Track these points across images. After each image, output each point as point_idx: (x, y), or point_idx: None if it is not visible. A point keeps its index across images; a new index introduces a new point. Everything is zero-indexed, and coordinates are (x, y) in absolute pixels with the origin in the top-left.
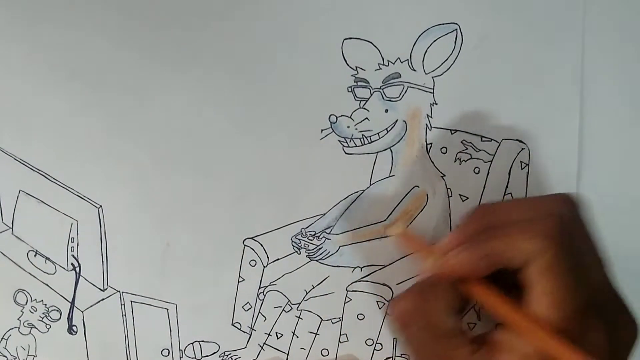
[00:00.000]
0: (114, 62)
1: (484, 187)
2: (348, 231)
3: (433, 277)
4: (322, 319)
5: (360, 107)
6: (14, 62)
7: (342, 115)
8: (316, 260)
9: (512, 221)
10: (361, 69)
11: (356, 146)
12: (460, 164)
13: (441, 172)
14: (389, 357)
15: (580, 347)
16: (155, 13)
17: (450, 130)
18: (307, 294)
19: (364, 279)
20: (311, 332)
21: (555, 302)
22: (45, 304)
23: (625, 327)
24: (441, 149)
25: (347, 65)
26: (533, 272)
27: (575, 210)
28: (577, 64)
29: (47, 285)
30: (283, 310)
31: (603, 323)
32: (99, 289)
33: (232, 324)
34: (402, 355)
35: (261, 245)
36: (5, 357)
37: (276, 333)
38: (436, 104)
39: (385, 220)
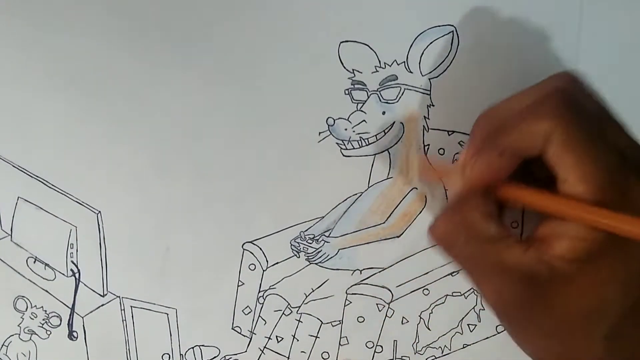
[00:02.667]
0: (113, 68)
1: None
2: (347, 234)
3: (461, 192)
4: (322, 322)
5: (357, 110)
6: (12, 68)
7: (339, 118)
8: (315, 264)
9: (515, 112)
10: (358, 71)
11: (354, 148)
12: None
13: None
14: None
15: (623, 210)
16: (154, 18)
17: (448, 131)
18: (306, 297)
19: (363, 282)
20: (311, 335)
21: (583, 174)
22: (45, 310)
23: None
24: (439, 150)
25: (344, 68)
26: (553, 153)
27: (578, 83)
28: (573, 65)
29: (47, 291)
30: (283, 313)
31: (637, 178)
32: (99, 294)
33: (232, 328)
34: (402, 358)
35: (260, 249)
36: None
37: (276, 336)
38: (433, 105)
39: (383, 222)
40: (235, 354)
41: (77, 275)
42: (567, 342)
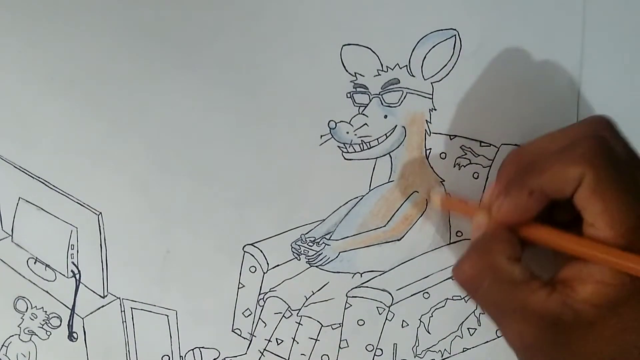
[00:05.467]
0: (114, 70)
1: (483, 192)
2: (348, 237)
3: (487, 231)
4: (322, 325)
5: (359, 113)
6: (13, 69)
7: (341, 121)
8: (316, 266)
9: (549, 153)
10: (360, 75)
11: (355, 152)
12: (459, 169)
13: (440, 178)
14: None
15: None
16: (155, 20)
17: (449, 135)
18: (307, 300)
19: (363, 285)
20: (311, 338)
21: (611, 219)
22: (46, 311)
23: None
24: (440, 154)
25: (346, 71)
26: (582, 196)
27: (612, 129)
28: (576, 69)
29: (47, 292)
30: (283, 316)
31: None
32: (99, 295)
33: (232, 330)
34: None
35: (261, 251)
36: None
37: (276, 339)
38: (435, 109)
39: (384, 225)
40: (235, 356)
41: (77, 276)
42: None
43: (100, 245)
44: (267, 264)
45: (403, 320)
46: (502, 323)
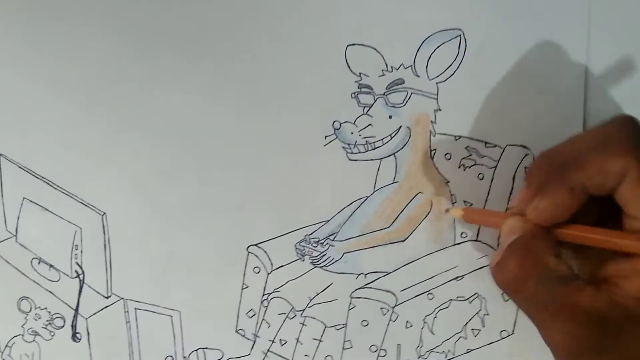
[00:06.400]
0: (118, 70)
1: (489, 193)
2: (352, 238)
3: (527, 231)
4: (326, 326)
5: (364, 114)
6: (17, 70)
7: (345, 122)
8: (320, 267)
9: (587, 149)
10: (365, 75)
11: (360, 152)
12: (464, 170)
13: (445, 178)
14: None
15: None
16: (156, 23)
17: (454, 136)
18: (311, 300)
19: (368, 286)
20: (315, 339)
21: None
22: (49, 312)
23: None
24: (445, 155)
25: (351, 71)
26: (626, 190)
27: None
28: (581, 69)
29: (51, 292)
30: (287, 317)
31: None
32: (103, 296)
33: (236, 331)
34: None
35: (265, 252)
36: None
37: (280, 340)
38: (440, 110)
39: (389, 226)
40: (239, 357)
41: (81, 276)
42: None
43: (104, 245)
44: (271, 264)
45: (407, 321)
46: (547, 323)
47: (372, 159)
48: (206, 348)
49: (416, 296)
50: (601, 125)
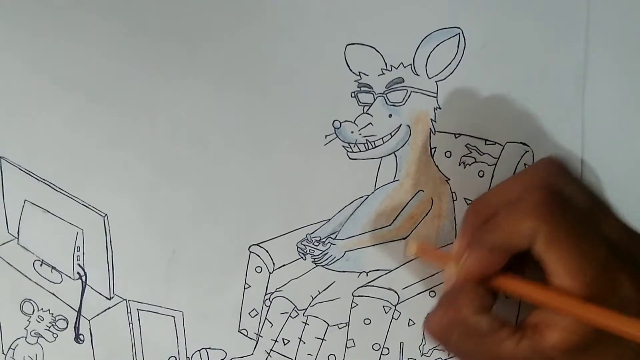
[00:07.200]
0: (118, 72)
1: (489, 190)
2: (353, 236)
3: (456, 284)
4: (328, 325)
5: (364, 112)
6: (18, 73)
7: (345, 121)
8: (322, 266)
9: (503, 206)
10: (364, 74)
11: (360, 151)
12: (464, 167)
13: (446, 176)
14: None
15: (610, 306)
16: (158, 22)
17: (454, 134)
18: (313, 299)
19: (370, 284)
20: (318, 338)
21: (571, 270)
22: (52, 313)
23: None
24: (445, 153)
25: (350, 70)
26: (540, 249)
27: (562, 173)
28: (580, 66)
29: (53, 294)
30: (289, 316)
31: (628, 273)
32: (106, 297)
33: (238, 331)
34: None
35: (267, 251)
36: None
37: (283, 339)
38: (440, 108)
39: (390, 225)
40: (242, 357)
41: (83, 278)
42: None
43: (106, 246)
44: (273, 263)
45: (409, 319)
46: None
47: (372, 158)
48: (209, 348)
49: (418, 294)
50: (522, 174)
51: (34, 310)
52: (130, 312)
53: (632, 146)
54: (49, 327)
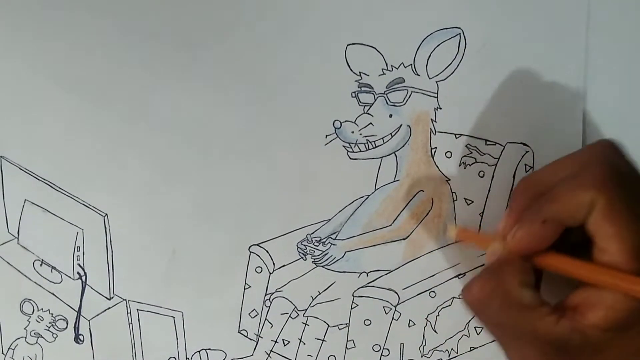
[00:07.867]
0: (119, 72)
1: (489, 190)
2: (354, 236)
3: (501, 259)
4: (328, 325)
5: (364, 112)
6: (18, 72)
7: (346, 121)
8: (322, 266)
9: (560, 180)
10: (365, 74)
11: (361, 151)
12: (465, 167)
13: (446, 177)
14: None
15: None
16: (159, 23)
17: (455, 134)
18: (313, 300)
19: (370, 284)
20: (318, 339)
21: (624, 244)
22: (52, 313)
23: None
24: (446, 153)
25: (351, 70)
26: (594, 223)
27: (619, 153)
28: (581, 67)
29: (53, 294)
30: (289, 316)
31: None
32: (105, 297)
33: (238, 331)
34: None
35: (267, 251)
36: None
37: (283, 340)
38: (440, 108)
39: (390, 225)
40: (242, 358)
41: (83, 278)
42: None
43: (106, 246)
44: (273, 264)
45: (410, 320)
46: (507, 346)
47: (372, 158)
48: (209, 349)
49: (418, 294)
50: (579, 152)
51: (33, 310)
52: (130, 312)
53: (632, 146)
54: (49, 327)
